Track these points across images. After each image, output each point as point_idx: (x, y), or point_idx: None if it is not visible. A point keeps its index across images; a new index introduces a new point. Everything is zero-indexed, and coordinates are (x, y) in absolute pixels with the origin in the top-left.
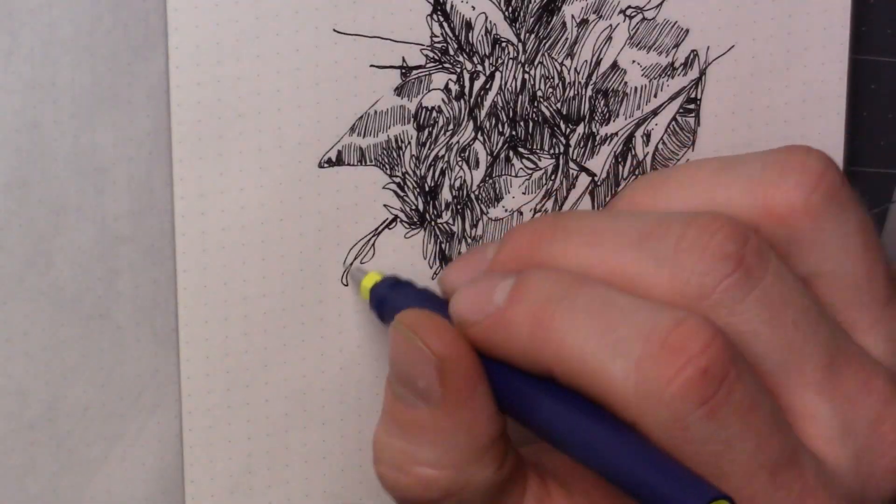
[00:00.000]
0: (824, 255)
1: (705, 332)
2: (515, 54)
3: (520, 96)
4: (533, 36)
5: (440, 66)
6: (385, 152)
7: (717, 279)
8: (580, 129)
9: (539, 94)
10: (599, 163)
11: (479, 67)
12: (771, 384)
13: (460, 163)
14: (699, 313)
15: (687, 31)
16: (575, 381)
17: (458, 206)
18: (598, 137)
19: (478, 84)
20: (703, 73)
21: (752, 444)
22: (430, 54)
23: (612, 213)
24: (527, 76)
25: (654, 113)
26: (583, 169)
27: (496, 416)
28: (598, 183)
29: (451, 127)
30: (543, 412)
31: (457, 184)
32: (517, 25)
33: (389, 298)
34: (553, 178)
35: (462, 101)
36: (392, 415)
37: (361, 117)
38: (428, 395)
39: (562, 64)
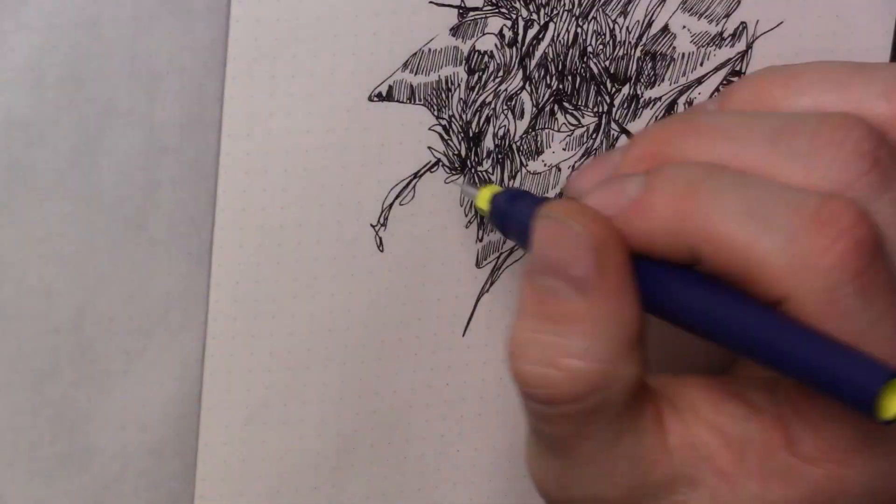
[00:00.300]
0: None
1: (855, 209)
2: (570, 6)
3: (570, 50)
4: None
5: (497, 11)
6: (434, 92)
7: (854, 176)
8: (625, 89)
9: (589, 49)
10: (641, 126)
11: (535, 16)
12: None
13: (506, 111)
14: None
15: (738, 1)
16: (723, 260)
17: (499, 156)
18: (641, 100)
19: (531, 33)
20: (749, 46)
21: (891, 327)
22: None
23: (740, 113)
24: (579, 30)
25: (699, 81)
26: (624, 131)
27: (642, 312)
28: None
29: (500, 74)
30: (693, 302)
31: (500, 132)
32: None
33: (512, 209)
34: (594, 136)
35: (514, 49)
36: (539, 308)
37: (415, 54)
38: (583, 283)
39: (614, 21)
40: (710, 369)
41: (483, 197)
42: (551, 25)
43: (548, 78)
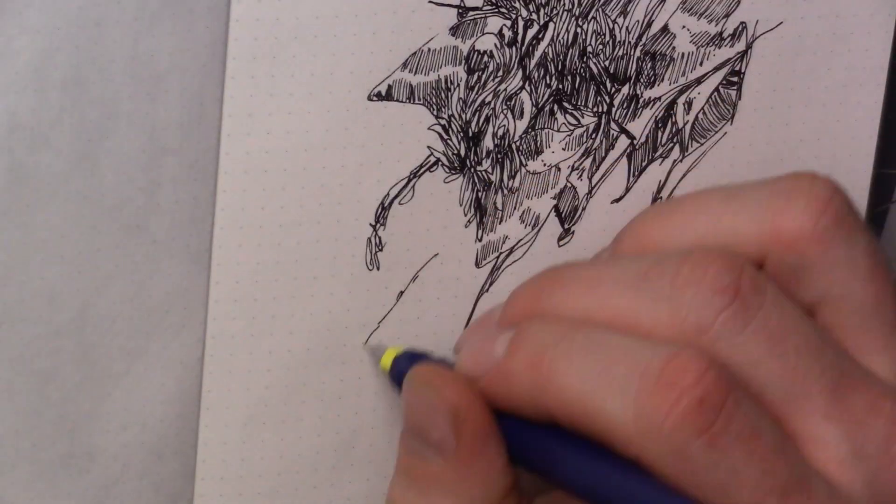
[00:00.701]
0: (833, 280)
1: (699, 363)
2: (570, 6)
3: (570, 50)
4: None
5: (496, 10)
6: (434, 92)
7: (714, 312)
8: (625, 89)
9: (589, 49)
10: (640, 126)
11: (534, 16)
12: (778, 412)
13: (505, 111)
14: (697, 347)
15: (738, 1)
16: (577, 423)
17: (499, 156)
18: (641, 100)
19: (531, 33)
20: (749, 46)
21: (757, 470)
22: None
23: (609, 260)
24: (579, 30)
25: (698, 81)
26: (623, 130)
27: (508, 467)
28: (637, 146)
29: (500, 73)
30: (552, 459)
31: (500, 132)
32: None
33: (409, 370)
34: (594, 136)
35: (514, 49)
36: (407, 469)
37: (415, 53)
38: (442, 446)
39: (614, 21)
40: None
41: (386, 358)
42: (551, 25)
43: (547, 78)
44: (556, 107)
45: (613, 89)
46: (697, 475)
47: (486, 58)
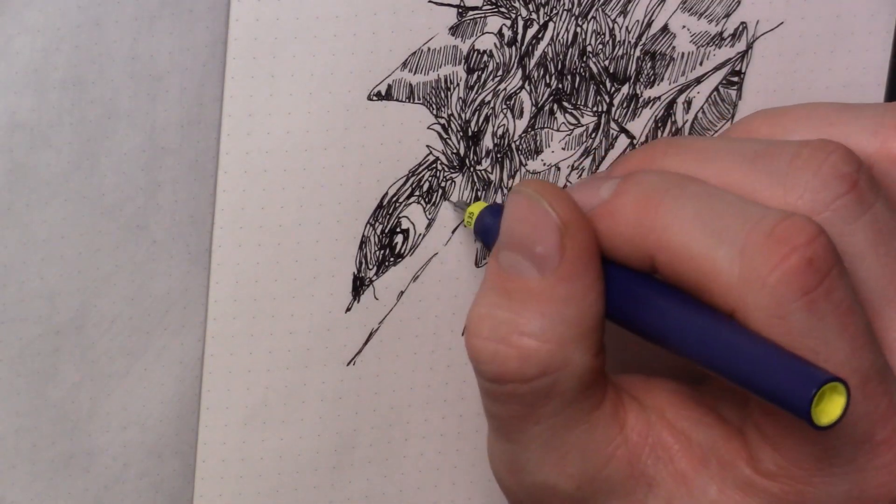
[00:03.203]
0: None
1: (812, 227)
2: (570, 6)
3: (570, 49)
4: None
5: (496, 10)
6: (434, 91)
7: (831, 196)
8: (625, 89)
9: (589, 49)
10: (640, 125)
11: (534, 15)
12: (866, 310)
13: (505, 111)
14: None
15: (738, 1)
16: (677, 268)
17: (499, 155)
18: (641, 100)
19: (530, 32)
20: (750, 46)
21: (847, 345)
22: None
23: (725, 137)
24: (579, 29)
25: (698, 81)
26: (623, 130)
27: (602, 297)
28: (637, 146)
29: (499, 73)
30: (646, 307)
31: (499, 132)
32: None
33: (494, 224)
34: (593, 136)
35: (513, 49)
36: (499, 284)
37: (415, 53)
38: (545, 261)
39: (614, 21)
40: (687, 377)
41: (471, 212)
42: (551, 25)
43: (547, 77)
44: (555, 106)
45: (613, 89)
46: (791, 335)
47: (485, 57)
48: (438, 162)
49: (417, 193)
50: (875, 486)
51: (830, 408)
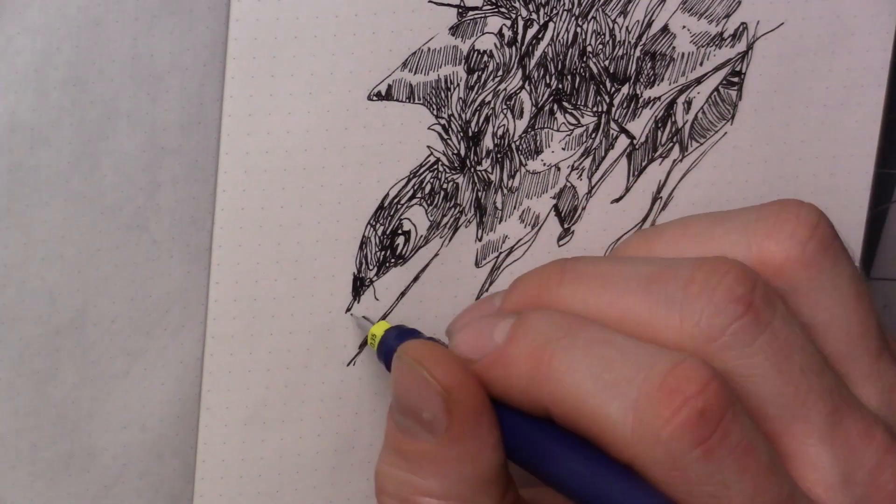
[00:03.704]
0: (819, 305)
1: (702, 373)
2: (570, 6)
3: (570, 49)
4: None
5: (496, 10)
6: (434, 91)
7: (726, 321)
8: (625, 89)
9: (589, 49)
10: (640, 126)
11: (534, 16)
12: (773, 430)
13: (505, 111)
14: (705, 356)
15: (739, 2)
16: (572, 421)
17: (499, 155)
18: (641, 100)
19: (531, 32)
20: (750, 47)
21: (748, 486)
22: None
23: (618, 258)
24: (579, 30)
25: (698, 81)
26: (623, 130)
27: (500, 446)
28: (637, 146)
29: (500, 73)
30: (543, 453)
31: (499, 132)
32: None
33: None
34: (593, 136)
35: (513, 49)
36: (395, 446)
37: (415, 53)
38: (433, 426)
39: (614, 21)
40: None
41: (374, 333)
42: (551, 25)
43: (547, 77)
44: (555, 106)
45: (613, 89)
46: (689, 485)
47: (485, 57)
48: (440, 163)
49: (419, 195)
50: None
51: None
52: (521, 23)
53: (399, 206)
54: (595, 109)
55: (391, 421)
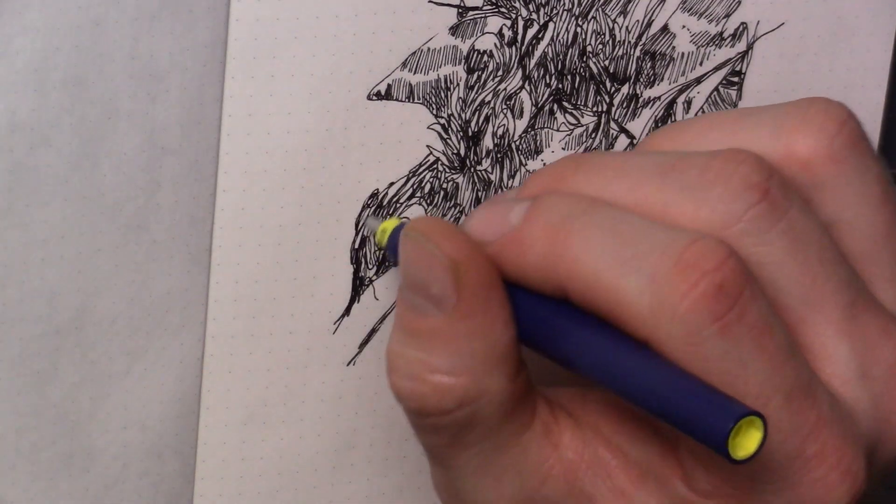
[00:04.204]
0: (844, 202)
1: (721, 250)
2: (570, 6)
3: (570, 49)
4: None
5: (496, 10)
6: (434, 91)
7: (743, 207)
8: (625, 89)
9: (589, 49)
10: (640, 126)
11: (534, 16)
12: (791, 319)
13: (505, 111)
14: (721, 240)
15: (739, 1)
16: (589, 298)
17: (499, 155)
18: (640, 100)
19: (531, 32)
20: (750, 46)
21: (766, 365)
22: None
23: (635, 152)
24: (579, 29)
25: (698, 81)
26: (623, 130)
27: (511, 324)
28: (636, 146)
29: (500, 73)
30: (558, 333)
31: (499, 132)
32: None
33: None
34: (593, 136)
35: (514, 49)
36: (406, 324)
37: (414, 53)
38: (442, 300)
39: (614, 21)
40: None
41: (384, 228)
42: (551, 25)
43: (547, 77)
44: (555, 106)
45: (613, 89)
46: (707, 361)
47: (485, 57)
48: (439, 163)
49: (419, 195)
50: (810, 499)
51: (747, 441)
52: (521, 23)
53: (398, 206)
54: (595, 109)
55: (401, 300)
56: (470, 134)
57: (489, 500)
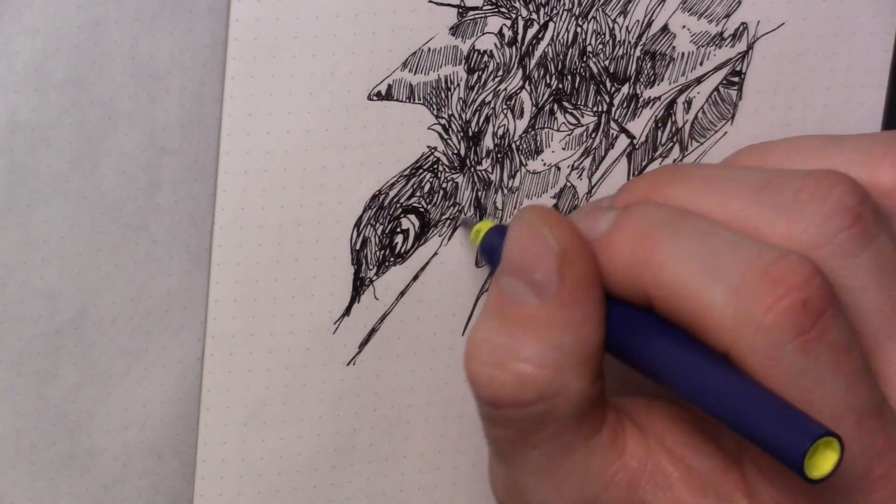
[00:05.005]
0: None
1: (808, 267)
2: (570, 6)
3: (570, 49)
4: None
5: (496, 10)
6: (434, 91)
7: (834, 230)
8: (625, 89)
9: (589, 49)
10: (640, 125)
11: (534, 16)
12: (867, 344)
13: (505, 111)
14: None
15: (739, 2)
16: (673, 307)
17: (499, 155)
18: (641, 100)
19: (531, 32)
20: (750, 46)
21: (842, 384)
22: None
23: (731, 165)
24: (579, 29)
25: (698, 81)
26: (623, 130)
27: (603, 324)
28: (637, 146)
29: (500, 73)
30: (640, 341)
31: (500, 132)
32: None
33: (500, 247)
34: (593, 136)
35: (514, 49)
36: (498, 310)
37: (415, 53)
38: (543, 288)
39: (614, 21)
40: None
41: (478, 229)
42: (551, 25)
43: (547, 77)
44: (555, 106)
45: (613, 89)
46: (785, 377)
47: (486, 57)
48: (439, 163)
49: (419, 194)
50: None
51: (822, 462)
52: (521, 23)
53: (398, 206)
54: (595, 109)
55: (495, 287)
56: (470, 134)
57: (549, 501)
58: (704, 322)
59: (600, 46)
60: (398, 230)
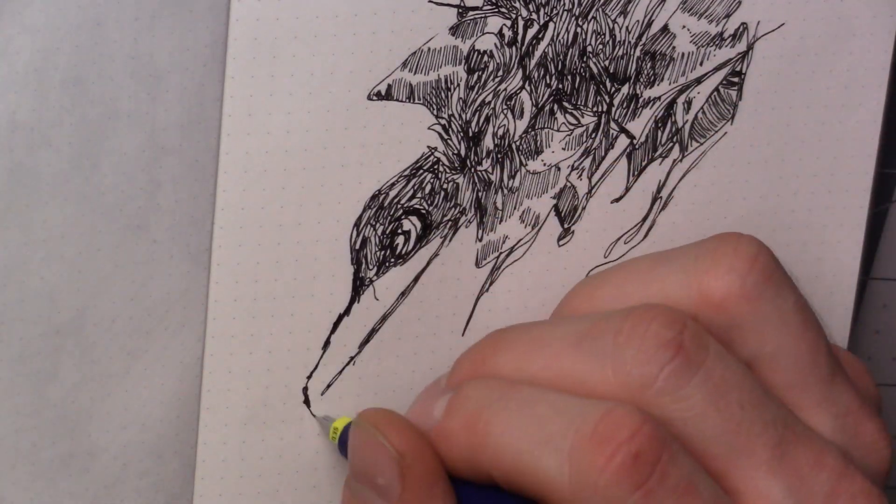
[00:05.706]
0: (764, 337)
1: (633, 418)
2: (570, 6)
3: (570, 49)
4: None
5: (496, 10)
6: (434, 91)
7: (657, 367)
8: (625, 89)
9: (589, 49)
10: (640, 126)
11: (534, 16)
12: (719, 468)
13: (505, 111)
14: (641, 404)
15: (739, 2)
16: (514, 482)
17: (499, 155)
18: (641, 100)
19: (531, 32)
20: (750, 47)
21: None
22: None
23: (551, 321)
24: (579, 30)
25: (698, 81)
26: (623, 130)
27: None
28: (637, 146)
29: (500, 73)
30: None
31: (500, 132)
32: None
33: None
34: (593, 136)
35: (514, 49)
36: None
37: (415, 53)
38: (387, 491)
39: (614, 21)
40: None
41: (336, 426)
42: (551, 25)
43: (547, 77)
44: (555, 106)
45: (613, 89)
46: None
47: (486, 57)
48: (440, 163)
49: (420, 196)
50: None
51: None
52: (521, 23)
53: (399, 206)
54: (595, 109)
55: (346, 490)
56: (470, 134)
57: None
58: (546, 493)
59: (600, 46)
60: (399, 231)
